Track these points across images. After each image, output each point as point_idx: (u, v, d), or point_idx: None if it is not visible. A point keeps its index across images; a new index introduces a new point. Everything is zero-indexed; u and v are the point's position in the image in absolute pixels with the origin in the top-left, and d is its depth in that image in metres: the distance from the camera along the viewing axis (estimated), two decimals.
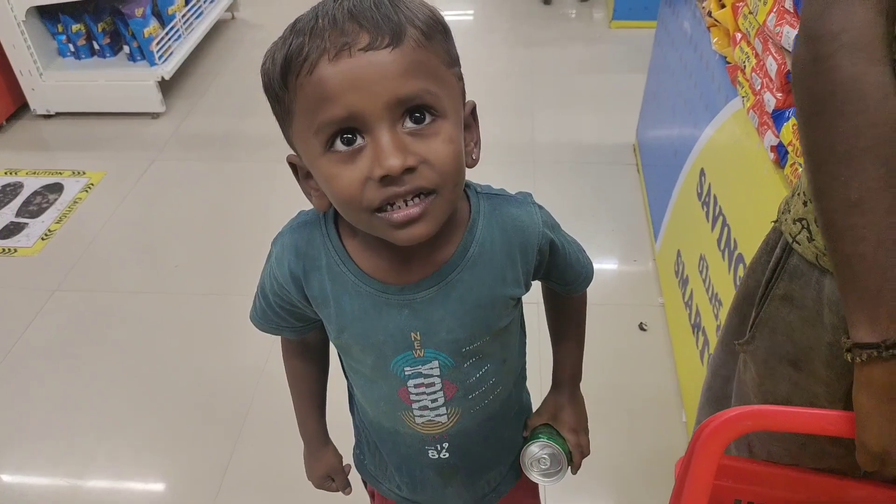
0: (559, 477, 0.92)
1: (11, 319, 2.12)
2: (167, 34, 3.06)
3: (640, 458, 1.66)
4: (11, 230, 2.48)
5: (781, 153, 1.15)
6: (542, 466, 0.91)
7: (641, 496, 1.59)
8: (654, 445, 1.68)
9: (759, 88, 1.25)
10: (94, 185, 2.68)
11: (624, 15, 3.60)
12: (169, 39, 3.07)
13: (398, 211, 0.60)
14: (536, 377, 1.03)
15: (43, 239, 2.43)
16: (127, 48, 3.03)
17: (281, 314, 0.81)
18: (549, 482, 0.92)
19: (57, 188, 2.67)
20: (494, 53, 3.49)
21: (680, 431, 1.70)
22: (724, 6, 1.51)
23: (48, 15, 2.96)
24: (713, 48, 1.57)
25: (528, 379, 0.97)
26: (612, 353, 1.89)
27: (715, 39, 1.58)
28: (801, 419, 0.69)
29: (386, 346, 0.75)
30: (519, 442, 0.94)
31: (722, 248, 1.45)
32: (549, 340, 0.97)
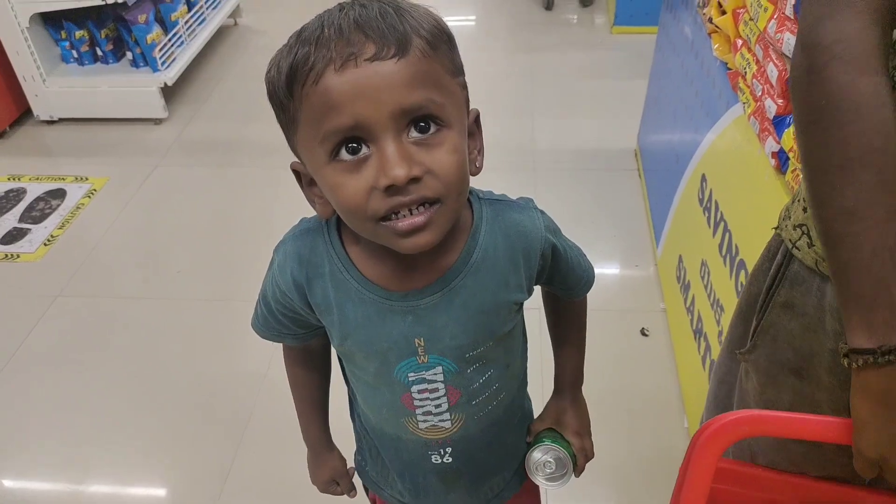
0: (564, 481, 0.91)
1: (14, 325, 2.12)
2: (170, 40, 3.07)
3: (641, 463, 1.65)
4: (14, 236, 2.49)
5: (782, 159, 1.15)
6: (547, 470, 0.91)
7: (643, 501, 1.59)
8: (655, 451, 1.68)
9: (759, 95, 1.26)
10: (96, 190, 2.69)
11: (625, 21, 3.61)
12: (172, 45, 3.08)
13: (403, 220, 0.61)
14: (538, 383, 1.03)
15: (45, 244, 2.43)
16: (130, 54, 3.04)
17: (283, 321, 0.81)
18: (554, 486, 0.91)
19: (60, 194, 2.68)
20: (496, 59, 3.50)
21: (681, 436, 1.69)
22: (724, 12, 1.52)
23: (51, 21, 2.98)
24: (714, 54, 1.58)
25: (529, 385, 0.97)
26: (613, 358, 1.89)
27: (716, 45, 1.58)
28: (798, 425, 0.69)
29: (390, 352, 0.75)
30: (522, 448, 0.94)
31: (723, 253, 1.45)
32: (550, 346, 0.97)
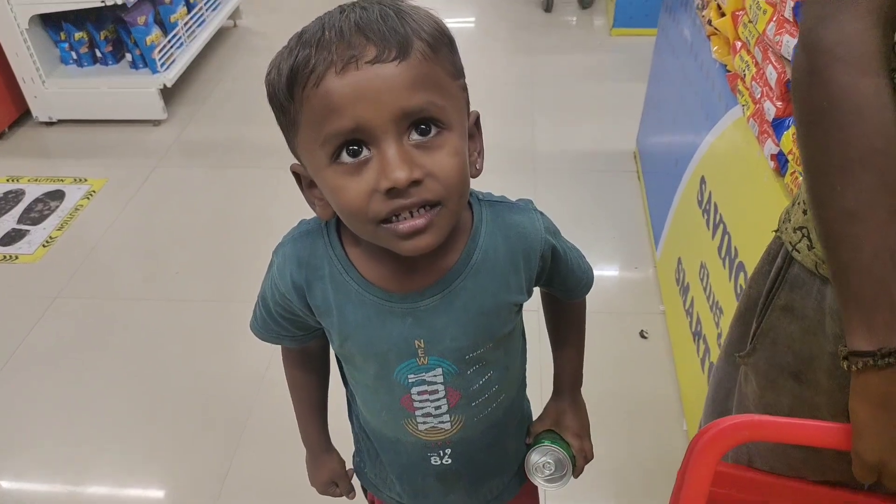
0: (563, 482, 0.91)
1: (13, 326, 2.12)
2: (169, 42, 3.07)
3: (640, 465, 1.65)
4: (13, 237, 2.49)
5: (781, 161, 1.15)
6: (546, 472, 0.91)
7: (641, 503, 1.59)
8: (654, 453, 1.68)
9: (759, 97, 1.26)
10: (95, 192, 2.69)
11: (624, 23, 3.61)
12: (171, 47, 3.09)
13: (404, 222, 0.61)
14: (537, 385, 1.03)
15: (44, 246, 2.43)
16: (129, 56, 3.04)
17: (282, 323, 0.81)
18: (553, 488, 0.91)
19: (58, 195, 2.68)
20: (495, 61, 3.51)
21: (680, 439, 1.69)
22: (724, 15, 1.52)
23: (51, 23, 2.97)
24: (713, 56, 1.58)
25: (528, 387, 0.97)
26: (612, 360, 1.89)
27: (715, 48, 1.58)
28: (798, 430, 0.68)
29: (390, 354, 0.75)
30: (521, 450, 0.94)
31: (723, 256, 1.45)
32: (549, 348, 0.97)
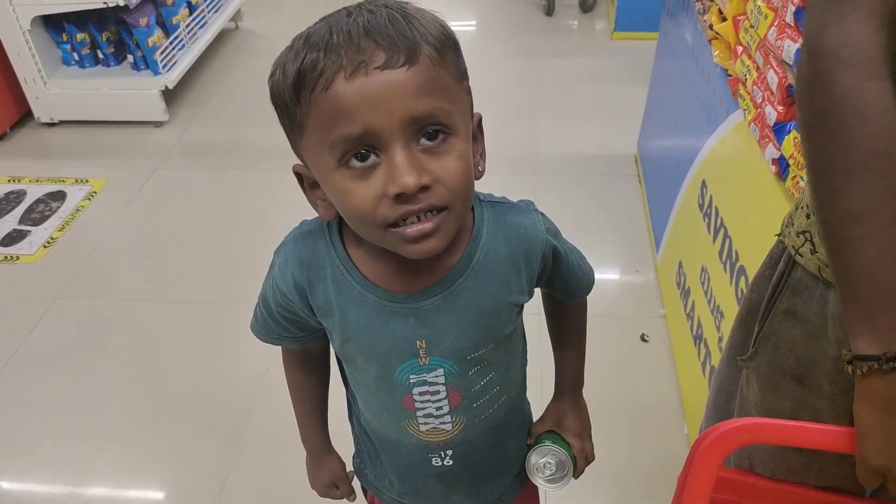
0: (564, 483, 0.91)
1: (13, 326, 2.12)
2: (171, 44, 3.08)
3: (641, 469, 1.65)
4: (14, 238, 2.49)
5: (783, 166, 1.15)
6: (546, 472, 0.91)
7: None
8: (655, 457, 1.67)
9: (760, 101, 1.26)
10: (96, 193, 2.69)
11: (626, 27, 3.62)
12: (173, 49, 3.09)
13: (411, 226, 0.61)
14: (538, 387, 1.03)
15: (45, 247, 2.43)
16: (131, 57, 3.05)
17: (283, 324, 0.81)
18: (553, 488, 0.91)
19: (60, 196, 2.68)
20: (496, 64, 3.51)
21: (681, 443, 1.69)
22: (725, 19, 1.52)
23: (53, 24, 2.98)
24: (714, 61, 1.58)
25: (529, 389, 0.97)
26: (613, 363, 1.89)
27: (716, 52, 1.58)
28: (800, 433, 0.68)
29: (391, 354, 0.75)
30: (522, 451, 0.94)
31: (723, 259, 1.45)
32: (550, 351, 0.97)
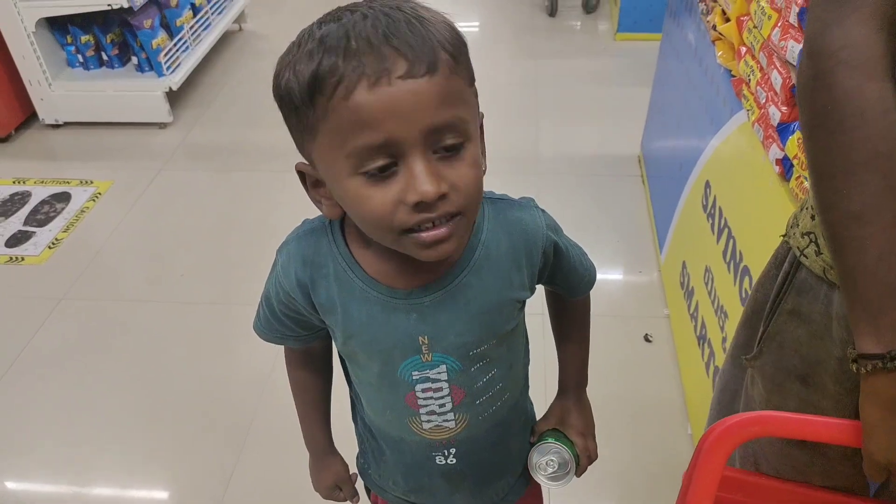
0: (566, 481, 0.91)
1: (18, 327, 2.13)
2: (175, 45, 3.09)
3: (644, 469, 1.65)
4: (19, 239, 2.50)
5: (787, 166, 1.15)
6: (549, 470, 0.91)
7: None
8: (658, 457, 1.67)
9: (763, 102, 1.26)
10: (101, 194, 2.70)
11: (629, 27, 3.62)
12: (177, 50, 3.10)
13: (427, 232, 0.62)
14: (541, 387, 1.04)
15: (50, 248, 2.44)
16: (135, 59, 3.06)
17: (286, 323, 0.81)
18: (555, 486, 0.91)
19: (64, 197, 2.69)
20: (499, 65, 3.51)
21: (685, 443, 1.69)
22: (728, 20, 1.52)
23: (58, 26, 2.99)
24: (718, 61, 1.58)
25: (533, 389, 0.97)
26: (617, 364, 1.89)
27: (720, 53, 1.58)
28: (805, 426, 0.69)
29: (394, 351, 0.76)
30: (526, 450, 0.94)
31: (727, 260, 1.45)
32: (553, 351, 0.97)
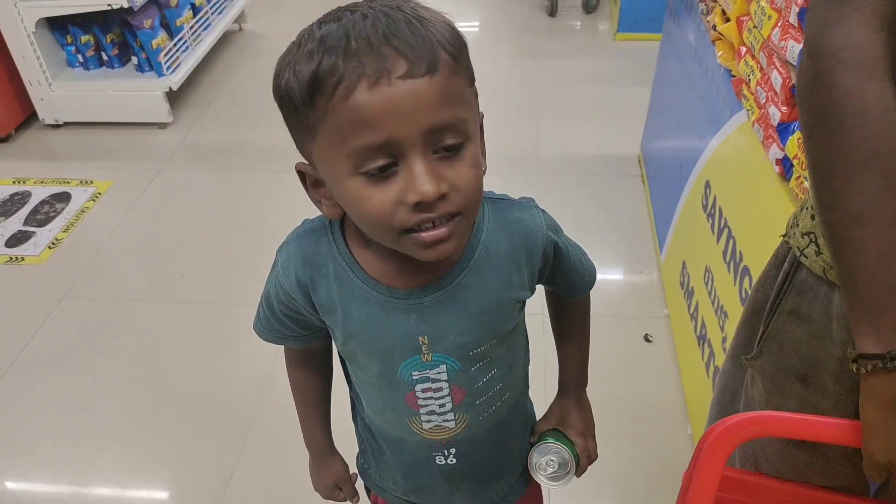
0: (566, 481, 0.91)
1: (18, 327, 2.13)
2: (175, 45, 3.09)
3: (644, 469, 1.65)
4: (19, 238, 2.50)
5: (787, 166, 1.15)
6: (549, 469, 0.91)
7: None
8: (658, 457, 1.67)
9: (764, 102, 1.26)
10: (101, 194, 2.70)
11: (629, 27, 3.62)
12: (177, 50, 3.10)
13: (427, 232, 0.62)
14: (541, 387, 1.03)
15: (50, 248, 2.44)
16: (135, 59, 3.06)
17: (286, 323, 0.81)
18: (555, 486, 0.91)
19: (64, 197, 2.69)
20: (499, 65, 3.51)
21: (685, 443, 1.69)
22: (728, 20, 1.52)
23: (58, 26, 2.99)
24: (718, 61, 1.58)
25: (533, 389, 0.97)
26: (617, 364, 1.89)
27: (720, 53, 1.58)
28: (808, 426, 0.69)
29: (394, 351, 0.76)
30: (526, 451, 0.94)
31: (727, 260, 1.45)
32: (553, 351, 0.97)
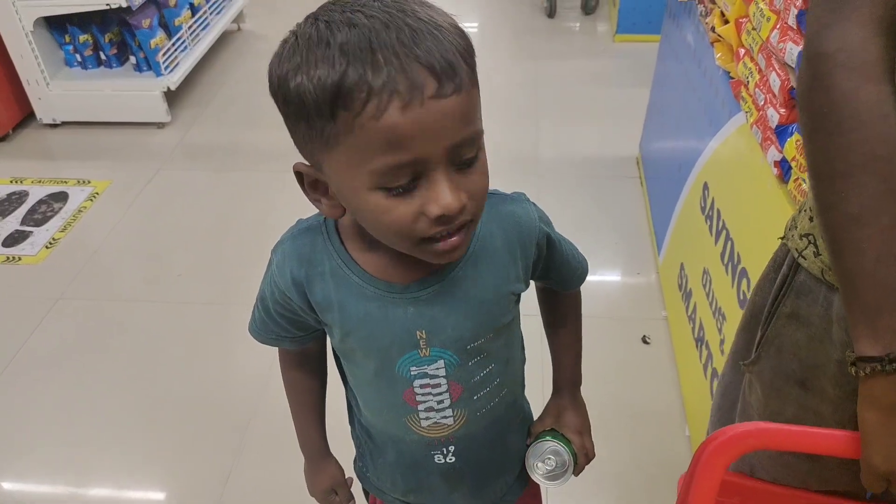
0: (564, 480, 0.91)
1: (15, 327, 2.12)
2: (174, 45, 3.08)
3: (642, 470, 1.65)
4: (16, 238, 2.49)
5: (785, 168, 1.15)
6: (547, 468, 0.90)
7: None
8: (657, 459, 1.67)
9: (762, 104, 1.26)
10: (98, 194, 2.70)
11: (628, 29, 3.62)
12: (175, 50, 3.10)
13: (444, 241, 0.63)
14: (538, 387, 1.03)
15: (47, 247, 2.44)
16: (133, 59, 3.05)
17: (281, 323, 0.81)
18: (554, 485, 0.91)
19: (62, 197, 2.68)
20: (498, 66, 3.51)
21: (683, 445, 1.69)
22: (727, 22, 1.52)
23: (56, 25, 2.99)
24: (717, 63, 1.58)
25: (531, 390, 0.97)
26: (615, 365, 1.89)
27: (718, 54, 1.58)
28: (806, 438, 0.68)
29: (392, 347, 0.76)
30: (523, 450, 0.94)
31: (725, 262, 1.45)
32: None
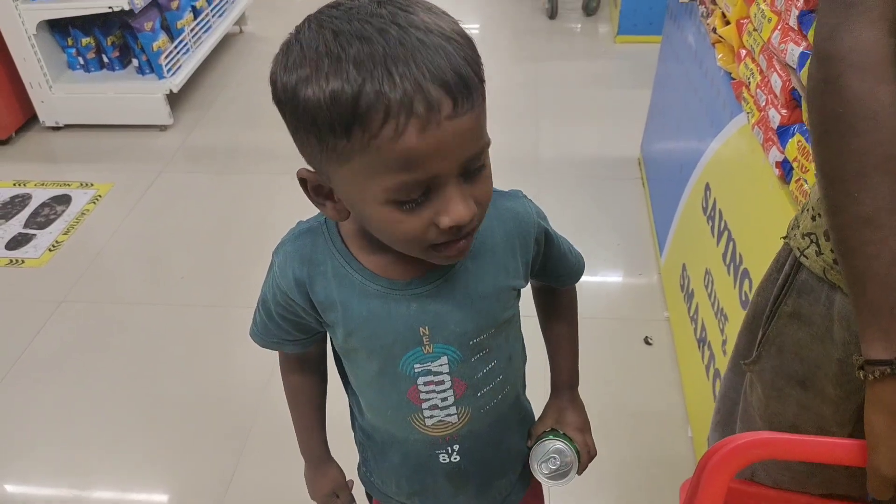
0: (569, 479, 0.90)
1: (18, 330, 2.13)
2: (176, 48, 3.09)
3: (644, 471, 1.65)
4: (19, 241, 2.50)
5: (786, 169, 1.15)
6: (551, 466, 0.90)
7: None
8: (659, 460, 1.67)
9: (763, 104, 1.26)
10: (101, 196, 2.70)
11: (629, 30, 3.62)
12: (177, 53, 3.10)
13: (452, 246, 0.65)
14: (539, 387, 1.03)
15: (50, 250, 2.44)
16: (136, 61, 3.06)
17: (283, 326, 0.81)
18: (557, 484, 0.90)
19: (65, 200, 2.69)
20: (499, 67, 3.51)
21: (685, 445, 1.69)
22: (728, 23, 1.52)
23: (58, 28, 2.99)
24: (718, 64, 1.58)
25: (533, 391, 0.97)
26: (617, 366, 1.89)
27: (720, 55, 1.58)
28: (812, 448, 0.67)
29: (395, 345, 0.76)
30: (526, 449, 0.94)
31: (727, 262, 1.45)
32: None
